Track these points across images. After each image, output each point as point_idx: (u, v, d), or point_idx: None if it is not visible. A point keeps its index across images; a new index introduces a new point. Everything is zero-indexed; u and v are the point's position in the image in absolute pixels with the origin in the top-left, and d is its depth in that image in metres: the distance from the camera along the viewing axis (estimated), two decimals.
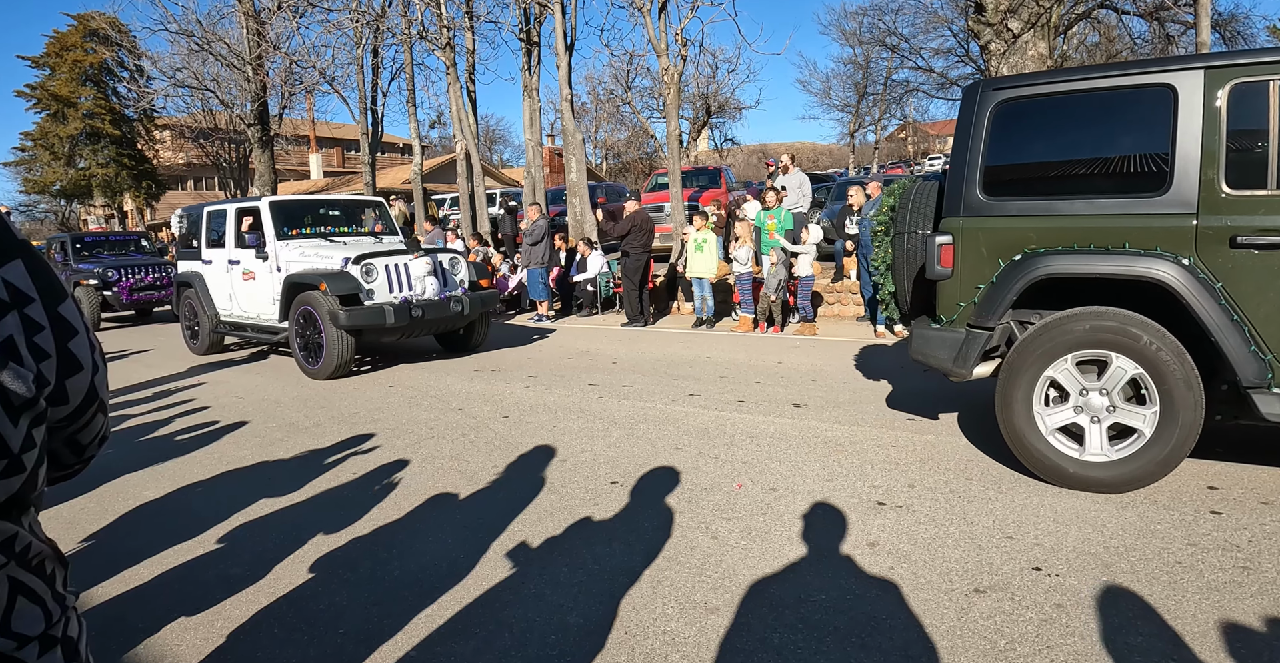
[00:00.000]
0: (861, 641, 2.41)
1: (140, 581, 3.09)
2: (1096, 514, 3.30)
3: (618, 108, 30.68)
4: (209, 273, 8.95)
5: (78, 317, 0.86)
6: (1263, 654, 2.25)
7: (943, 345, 3.94)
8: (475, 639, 2.52)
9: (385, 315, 7.06)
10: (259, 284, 8.16)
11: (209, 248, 8.94)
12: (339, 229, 8.75)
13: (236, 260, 8.43)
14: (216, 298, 8.92)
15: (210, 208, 9.09)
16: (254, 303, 8.31)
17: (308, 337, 7.38)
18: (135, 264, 13.78)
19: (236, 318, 8.74)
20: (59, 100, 32.18)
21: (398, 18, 16.39)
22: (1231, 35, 19.14)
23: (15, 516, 0.81)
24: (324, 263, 7.51)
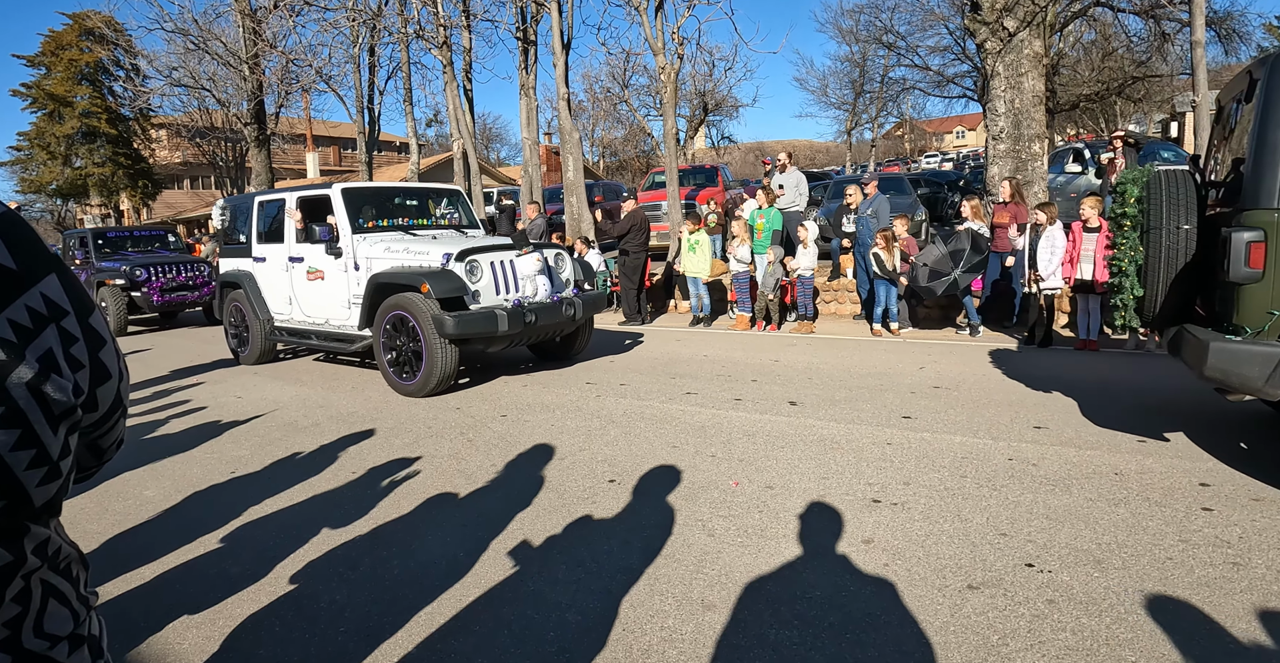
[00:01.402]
0: (856, 637, 2.44)
1: (142, 580, 3.12)
2: (1089, 511, 3.33)
3: (615, 106, 30.68)
4: (262, 272, 7.93)
5: (105, 327, 0.89)
6: (1253, 649, 2.29)
7: (1252, 362, 3.32)
8: (475, 637, 2.55)
9: (498, 321, 6.06)
10: (329, 285, 7.12)
11: (261, 243, 7.90)
12: (417, 221, 7.60)
13: (299, 257, 7.38)
14: (271, 301, 7.89)
15: (262, 197, 7.99)
16: (322, 306, 7.28)
17: (400, 347, 6.36)
18: (165, 262, 12.33)
19: (297, 323, 7.66)
20: (55, 99, 32.14)
21: (394, 16, 16.38)
22: (1227, 32, 19.19)
23: (46, 520, 0.84)
24: (416, 260, 6.40)
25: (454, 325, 5.89)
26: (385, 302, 6.38)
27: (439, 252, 6.32)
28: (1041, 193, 9.76)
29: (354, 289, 6.83)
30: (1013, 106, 9.82)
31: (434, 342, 6.00)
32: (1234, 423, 4.63)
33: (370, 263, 6.70)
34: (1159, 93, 25.64)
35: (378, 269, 6.58)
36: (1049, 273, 7.29)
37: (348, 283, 6.91)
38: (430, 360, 6.07)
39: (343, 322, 7.08)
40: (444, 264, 6.24)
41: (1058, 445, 4.29)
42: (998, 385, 5.83)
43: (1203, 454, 4.06)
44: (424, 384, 6.17)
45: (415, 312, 6.08)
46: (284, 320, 7.85)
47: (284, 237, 7.57)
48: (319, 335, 7.42)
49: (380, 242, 6.81)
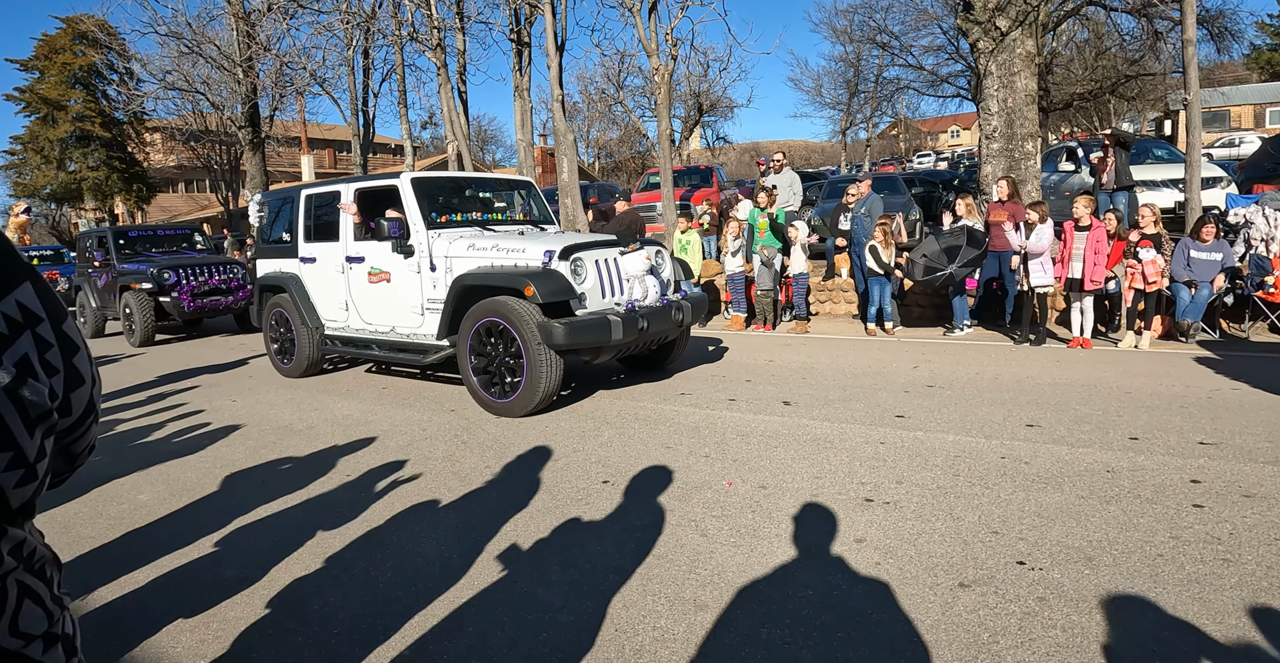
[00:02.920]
0: (848, 635, 2.45)
1: (136, 584, 3.12)
2: (1080, 509, 3.35)
3: (609, 107, 30.71)
4: (311, 274, 7.10)
5: (78, 333, 0.91)
6: (1243, 645, 2.30)
7: None
8: (468, 638, 2.55)
9: (611, 328, 5.31)
10: (397, 288, 6.29)
11: (309, 241, 7.09)
12: (492, 215, 6.78)
13: (358, 257, 6.56)
14: (323, 306, 7.06)
15: (310, 190, 7.17)
16: (388, 312, 6.45)
17: (492, 359, 5.59)
18: (195, 263, 11.17)
19: (355, 332, 6.81)
20: (48, 103, 32.07)
21: (388, 19, 16.39)
22: (1219, 31, 19.26)
23: (21, 522, 0.86)
24: (510, 258, 5.60)
25: (564, 334, 5.13)
26: (474, 307, 5.58)
27: (538, 249, 5.51)
28: (1035, 192, 9.79)
29: (429, 292, 6.05)
30: (1006, 106, 9.85)
31: (538, 353, 5.21)
32: (1225, 420, 4.65)
33: (451, 263, 5.87)
34: (1152, 91, 25.72)
35: (462, 270, 5.76)
36: (1038, 253, 7.31)
37: (421, 286, 6.10)
38: (533, 375, 5.27)
39: (413, 330, 6.27)
40: (546, 263, 5.41)
41: (1050, 443, 4.31)
42: (990, 384, 5.85)
43: (1194, 451, 4.08)
44: (525, 402, 5.39)
45: (513, 319, 5.29)
46: (337, 328, 7.00)
47: (339, 234, 6.75)
48: (383, 346, 6.57)
49: (460, 238, 5.97)
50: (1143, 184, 11.24)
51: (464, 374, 5.77)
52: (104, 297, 11.86)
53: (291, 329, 7.31)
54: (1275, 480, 3.59)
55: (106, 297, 11.74)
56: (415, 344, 6.27)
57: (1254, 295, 7.31)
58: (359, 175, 8.49)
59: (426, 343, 6.15)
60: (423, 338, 6.19)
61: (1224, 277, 7.15)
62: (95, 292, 12.09)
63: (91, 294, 12.17)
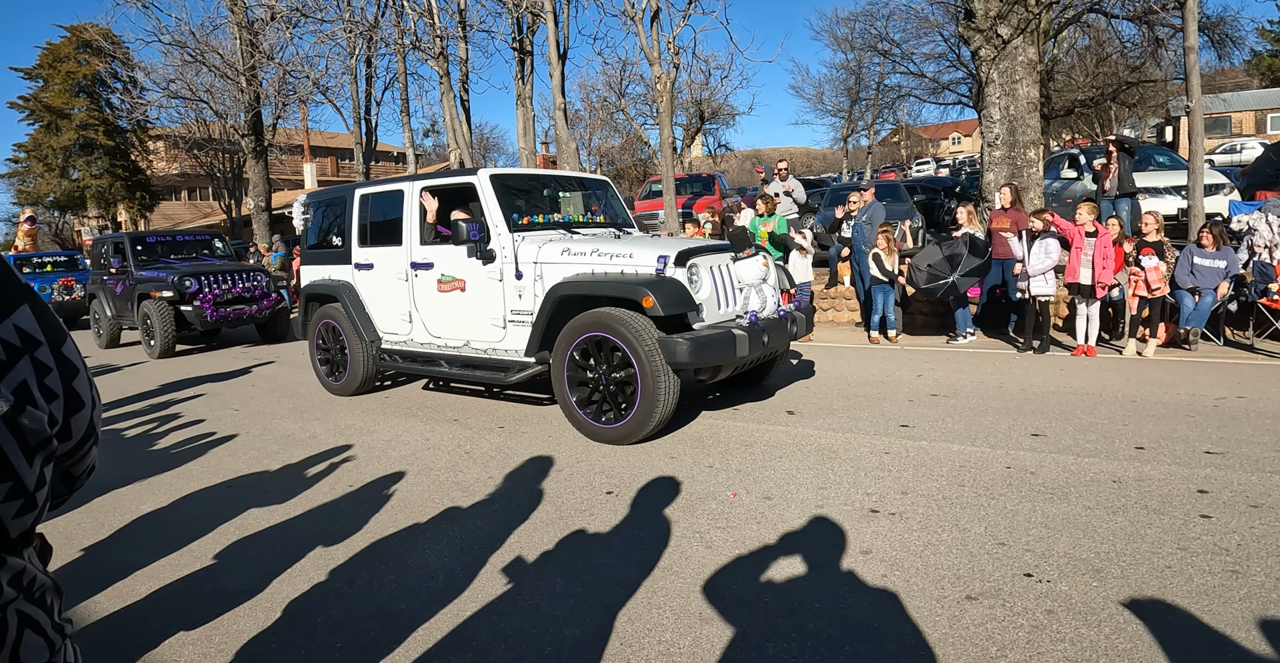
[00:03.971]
0: (855, 649, 2.43)
1: (137, 595, 3.10)
2: (1088, 520, 3.33)
3: (611, 114, 30.76)
4: (367, 282, 6.51)
5: (77, 355, 0.89)
6: (1253, 658, 2.28)
7: None
8: (472, 652, 2.53)
9: (736, 344, 4.73)
10: (475, 297, 5.64)
11: (365, 246, 6.48)
12: (574, 217, 6.21)
13: (426, 263, 5.95)
14: (381, 317, 6.45)
15: (366, 190, 6.54)
16: (462, 324, 5.82)
17: (593, 379, 4.94)
18: (218, 271, 10.70)
19: (420, 346, 6.17)
20: (52, 111, 32.20)
21: (391, 28, 16.45)
22: (1219, 37, 19.27)
23: (21, 551, 0.84)
24: (614, 264, 4.99)
25: (689, 351, 4.52)
26: (573, 321, 4.96)
27: (650, 254, 4.89)
28: (1037, 199, 9.79)
29: (514, 303, 5.43)
30: (1008, 113, 9.86)
31: (655, 373, 4.59)
32: (1232, 429, 4.63)
33: (541, 270, 5.26)
34: (1153, 97, 25.72)
35: (557, 278, 5.15)
36: (1038, 273, 7.30)
37: (503, 295, 5.48)
38: (649, 396, 4.64)
39: (492, 344, 5.64)
40: (660, 270, 4.80)
41: (1055, 453, 4.29)
42: (995, 393, 5.83)
43: (1200, 461, 4.05)
44: (638, 427, 4.75)
45: (625, 334, 4.66)
46: (398, 342, 6.37)
47: (402, 238, 6.12)
48: (453, 362, 5.90)
49: (550, 242, 5.36)
50: (1145, 191, 11.24)
51: (560, 397, 5.11)
52: (120, 305, 11.41)
53: (343, 343, 6.75)
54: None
55: (123, 305, 11.29)
56: (494, 361, 5.62)
57: (1258, 302, 7.29)
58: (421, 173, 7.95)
59: (508, 359, 5.52)
60: (503, 354, 5.57)
61: (1228, 284, 7.13)
62: (111, 300, 11.64)
63: (107, 302, 11.73)
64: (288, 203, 32.59)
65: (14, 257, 15.81)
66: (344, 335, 6.69)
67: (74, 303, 14.93)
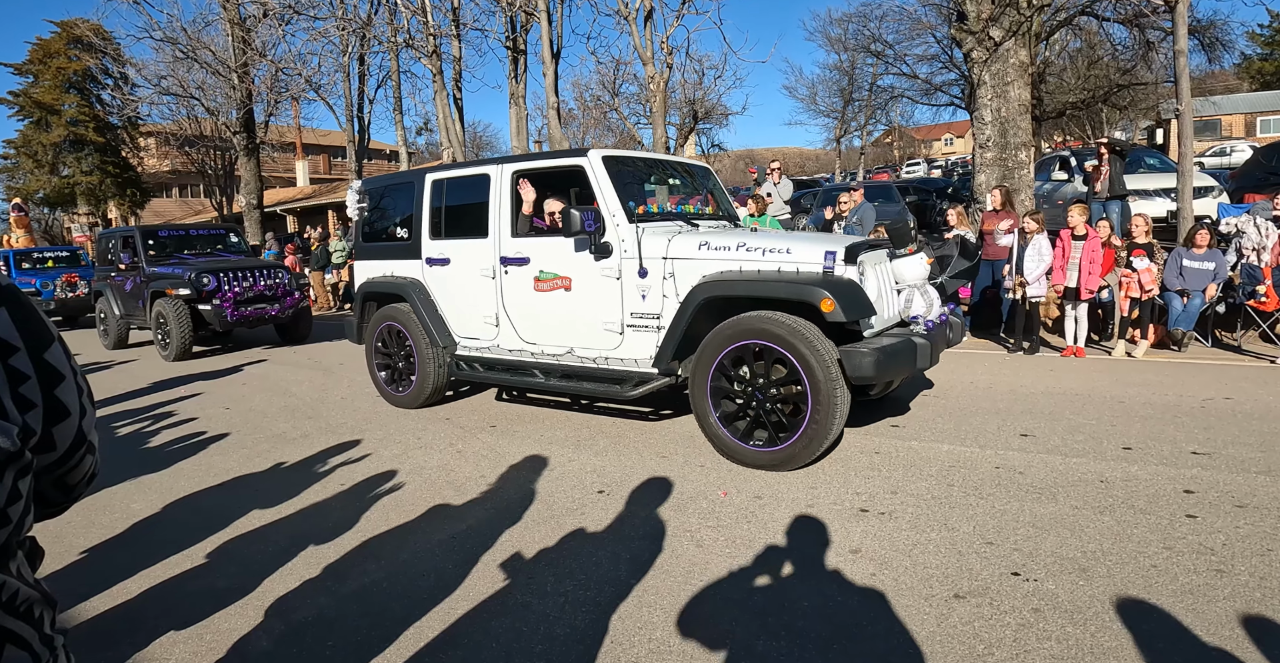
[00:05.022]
0: (844, 647, 2.45)
1: (128, 595, 3.10)
2: (1075, 519, 3.36)
3: (605, 114, 30.74)
4: (442, 279, 5.73)
5: (64, 360, 0.84)
6: (1236, 656, 2.31)
7: None
8: (462, 650, 2.54)
9: (918, 354, 4.16)
10: (585, 298, 4.90)
11: (439, 238, 5.72)
12: (685, 207, 5.51)
13: (519, 258, 5.18)
14: (458, 320, 5.70)
15: (441, 174, 5.74)
16: (566, 329, 5.06)
17: (748, 394, 4.26)
18: (237, 267, 9.99)
19: (509, 353, 5.42)
20: (42, 107, 31.98)
21: (384, 25, 16.41)
22: (1210, 41, 19.40)
23: (3, 562, 0.81)
24: (768, 261, 4.28)
25: (875, 363, 3.89)
26: (724, 325, 4.27)
27: (814, 249, 4.21)
28: (1028, 200, 9.84)
29: (634, 304, 4.70)
30: (999, 115, 9.91)
31: (832, 388, 3.94)
32: (1218, 430, 4.67)
33: (674, 266, 4.55)
34: (1144, 100, 25.89)
35: (695, 276, 4.44)
36: (1034, 279, 7.35)
37: (621, 295, 4.75)
38: (822, 417, 3.97)
39: (605, 352, 4.89)
40: (829, 268, 4.10)
41: (1044, 453, 4.32)
42: (985, 393, 5.86)
43: (1187, 461, 4.09)
44: (799, 452, 4.10)
45: (794, 342, 3.98)
46: (480, 349, 5.60)
47: (488, 228, 5.36)
48: (552, 372, 5.17)
49: (680, 234, 4.69)
50: (1135, 193, 11.31)
51: (700, 414, 4.45)
52: (130, 304, 10.67)
53: (409, 349, 6.00)
54: (1268, 491, 3.60)
55: (133, 304, 10.58)
56: (605, 371, 4.88)
57: (1245, 304, 7.35)
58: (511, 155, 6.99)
59: (624, 370, 4.80)
60: (620, 363, 4.82)
61: (1216, 286, 7.19)
62: (119, 298, 10.87)
63: (115, 301, 10.95)
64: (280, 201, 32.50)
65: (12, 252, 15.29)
66: (411, 340, 5.94)
67: (78, 300, 14.42)
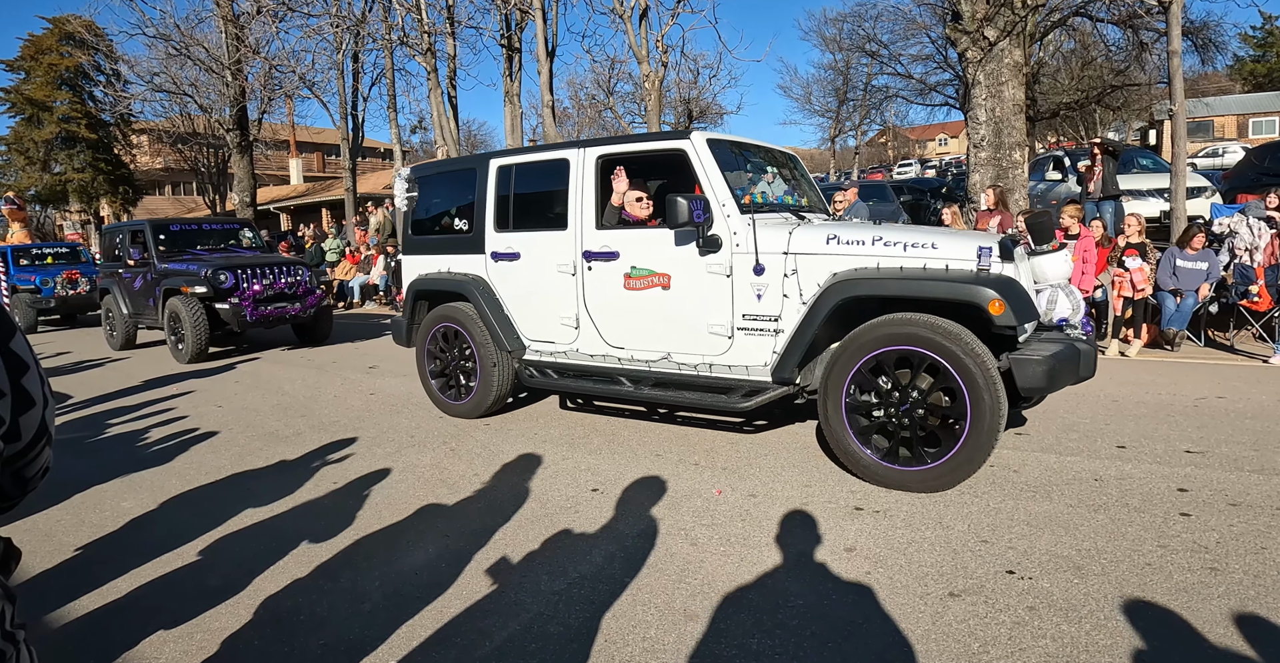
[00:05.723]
0: (838, 645, 2.44)
1: (118, 593, 3.07)
2: (1069, 518, 3.36)
3: (600, 113, 30.72)
4: (510, 276, 5.22)
5: (27, 350, 0.84)
6: (1230, 654, 2.31)
7: None
8: (456, 649, 2.53)
9: (1081, 362, 3.87)
10: (687, 296, 4.42)
11: (505, 230, 5.22)
12: (785, 199, 4.98)
13: (607, 252, 4.68)
14: (529, 321, 5.19)
15: (508, 160, 5.23)
16: (662, 331, 4.58)
17: (892, 406, 3.78)
18: (255, 264, 9.37)
19: (590, 359, 4.93)
20: (34, 104, 31.83)
21: (378, 23, 16.36)
22: (1203, 42, 19.49)
23: None
24: (908, 257, 3.84)
25: (1047, 373, 3.54)
26: (865, 329, 3.82)
27: (962, 244, 3.82)
28: (1022, 200, 9.86)
29: (748, 305, 4.22)
30: (993, 115, 9.93)
31: (996, 400, 3.50)
32: (1211, 428, 4.68)
33: (797, 262, 4.06)
34: (1137, 101, 26.01)
35: (824, 273, 3.98)
36: None
37: (732, 294, 4.27)
38: (984, 428, 3.52)
39: (709, 358, 4.41)
40: (984, 266, 3.68)
41: (1038, 452, 4.32)
42: None
43: (1180, 460, 4.10)
44: (953, 471, 3.65)
45: (952, 348, 3.53)
46: (555, 353, 5.11)
47: (567, 219, 4.86)
48: (643, 380, 4.67)
49: (801, 227, 4.19)
50: (1128, 193, 11.35)
51: (833, 430, 3.95)
52: (139, 302, 10.12)
53: (470, 353, 5.45)
54: (1261, 489, 3.61)
55: (142, 302, 10.02)
56: (711, 379, 4.41)
57: (1238, 304, 7.38)
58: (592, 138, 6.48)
59: (733, 378, 4.33)
60: (727, 371, 4.37)
61: (1209, 286, 7.21)
62: (127, 296, 10.31)
63: (122, 299, 10.36)
64: (273, 199, 32.39)
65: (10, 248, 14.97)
66: (472, 344, 5.40)
67: (79, 298, 13.94)
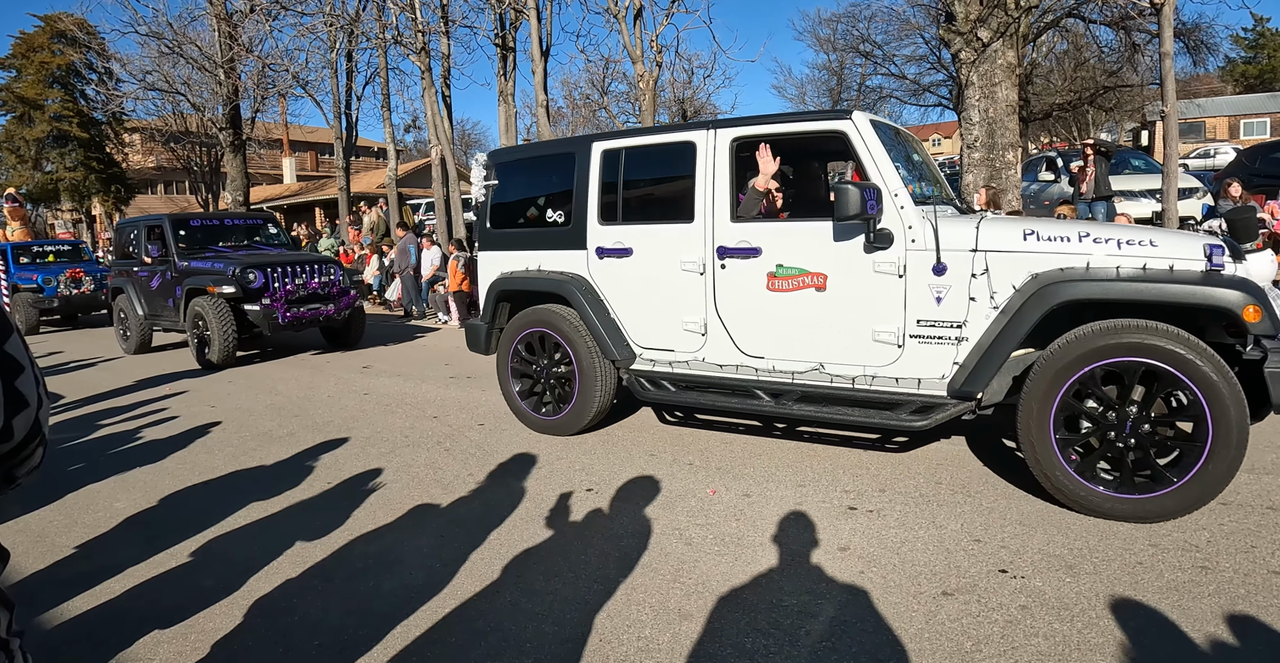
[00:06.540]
0: (832, 644, 2.45)
1: (112, 594, 3.07)
2: (1061, 517, 3.37)
3: (594, 112, 30.70)
4: (620, 275, 4.72)
5: (23, 352, 0.84)
6: (1220, 652, 2.33)
7: None
8: (450, 649, 2.53)
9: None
10: (847, 298, 3.95)
11: (611, 222, 4.71)
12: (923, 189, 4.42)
13: (746, 247, 4.20)
14: (643, 326, 4.71)
15: (614, 143, 4.69)
16: (815, 338, 4.09)
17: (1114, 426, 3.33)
18: (285, 262, 8.71)
19: (720, 370, 4.42)
20: (25, 102, 31.63)
21: (372, 22, 16.31)
22: (1195, 44, 19.60)
23: None
24: (1125, 256, 3.44)
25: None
26: (1070, 339, 3.36)
27: (1186, 243, 3.48)
28: (1015, 201, 9.89)
29: (925, 309, 3.76)
30: (987, 115, 9.96)
31: (1242, 417, 3.13)
32: None
33: (988, 260, 3.62)
34: (1130, 102, 26.15)
35: (1025, 273, 3.55)
36: None
37: (904, 297, 3.81)
38: (1227, 452, 3.13)
39: (876, 369, 3.93)
40: (1216, 267, 3.34)
41: None
42: None
43: None
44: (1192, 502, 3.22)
45: (1193, 360, 3.13)
46: (675, 362, 4.60)
47: (693, 210, 4.38)
48: (787, 393, 4.16)
49: (988, 220, 3.83)
50: (1121, 194, 11.40)
51: (1039, 450, 3.43)
52: (156, 303, 9.50)
53: (567, 362, 4.93)
54: (1250, 488, 3.64)
55: (160, 302, 9.40)
56: (872, 394, 3.93)
57: None
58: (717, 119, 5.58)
59: (904, 392, 3.85)
60: (893, 383, 3.89)
61: None
62: (142, 296, 9.67)
63: (137, 299, 9.71)
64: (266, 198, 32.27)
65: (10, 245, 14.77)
66: (571, 351, 4.85)
67: (83, 297, 13.42)
